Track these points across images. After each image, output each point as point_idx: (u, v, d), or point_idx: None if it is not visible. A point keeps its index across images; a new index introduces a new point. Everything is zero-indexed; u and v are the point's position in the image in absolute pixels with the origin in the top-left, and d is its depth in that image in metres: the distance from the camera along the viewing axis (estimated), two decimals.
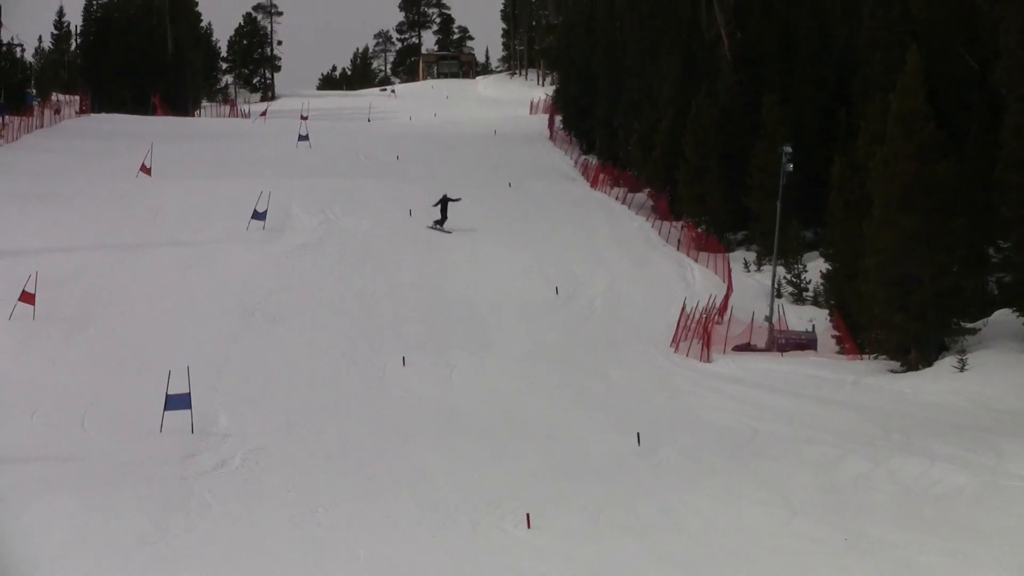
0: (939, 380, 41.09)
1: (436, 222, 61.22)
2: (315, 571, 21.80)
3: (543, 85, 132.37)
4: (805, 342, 47.95)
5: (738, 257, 60.25)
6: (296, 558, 22.66)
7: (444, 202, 61.21)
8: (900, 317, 43.91)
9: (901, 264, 43.69)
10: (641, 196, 71.93)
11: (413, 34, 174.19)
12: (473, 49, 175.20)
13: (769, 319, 49.47)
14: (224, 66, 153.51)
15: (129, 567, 21.72)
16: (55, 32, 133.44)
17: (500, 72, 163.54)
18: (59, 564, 21.74)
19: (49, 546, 23.03)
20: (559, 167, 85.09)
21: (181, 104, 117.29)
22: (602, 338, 47.59)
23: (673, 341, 47.28)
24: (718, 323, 48.88)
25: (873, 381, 42.32)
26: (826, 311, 50.65)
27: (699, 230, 63.06)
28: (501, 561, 22.72)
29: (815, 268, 54.28)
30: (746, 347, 47.55)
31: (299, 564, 22.25)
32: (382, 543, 23.77)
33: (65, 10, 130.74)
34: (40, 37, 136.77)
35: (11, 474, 28.49)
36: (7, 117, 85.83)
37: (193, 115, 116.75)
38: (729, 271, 57.42)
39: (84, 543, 23.40)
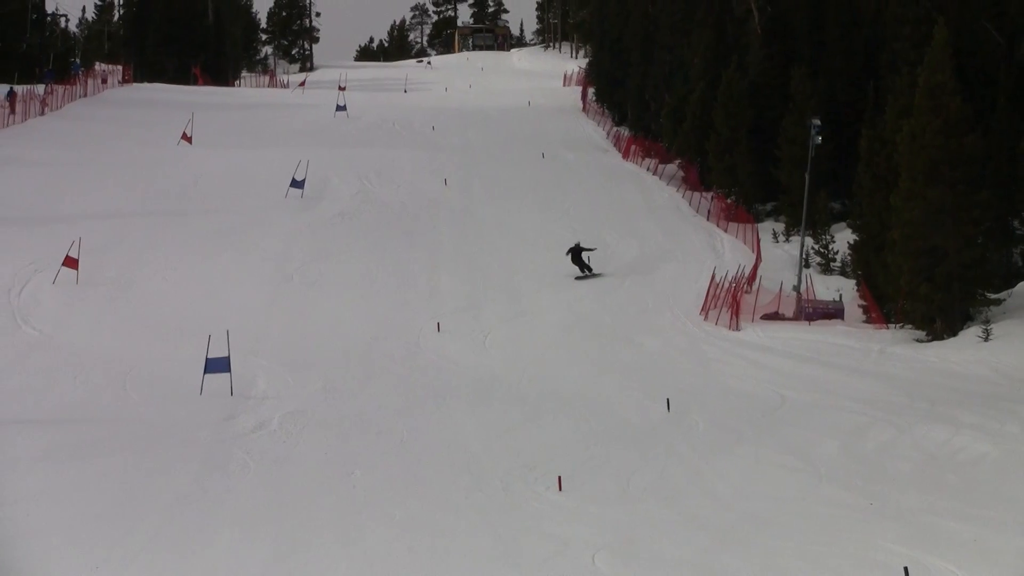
0: (963, 350, 40.99)
1: (586, 270, 50.54)
2: (351, 532, 21.87)
3: (576, 58, 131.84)
4: (832, 311, 47.82)
5: (767, 228, 60.00)
6: (332, 519, 22.74)
7: (578, 251, 50.77)
8: (926, 288, 43.81)
9: (927, 236, 43.60)
10: (672, 167, 71.69)
11: (449, 7, 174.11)
12: (508, 22, 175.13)
13: (797, 289, 49.33)
14: (264, 37, 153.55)
15: (170, 525, 21.83)
16: (99, 3, 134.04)
17: (534, 45, 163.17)
18: (103, 522, 21.86)
19: (94, 506, 23.14)
20: (592, 138, 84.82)
21: (221, 74, 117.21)
22: (633, 306, 47.50)
23: (702, 310, 47.19)
24: (747, 292, 48.72)
25: (899, 350, 42.22)
26: (853, 281, 50.46)
27: (729, 201, 62.84)
28: (532, 523, 22.76)
29: (843, 239, 54.05)
30: (774, 316, 47.44)
31: (335, 525, 22.32)
32: (416, 505, 23.82)
33: None
34: (84, 8, 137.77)
35: (56, 436, 28.64)
36: (52, 86, 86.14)
37: (233, 85, 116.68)
38: (758, 241, 57.21)
39: (127, 503, 23.51)
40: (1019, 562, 19.92)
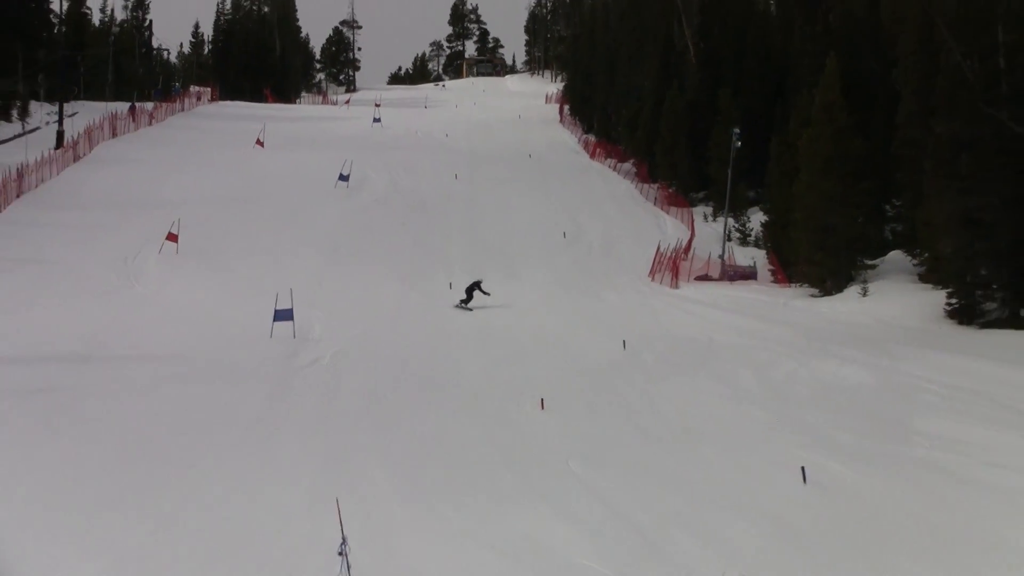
0: (847, 302, 41.14)
1: (462, 301, 40.15)
2: (383, 442, 21.82)
3: (555, 81, 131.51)
4: (748, 274, 48.00)
5: (699, 211, 60.18)
6: (369, 434, 22.68)
7: (473, 288, 40.41)
8: (819, 256, 44.02)
9: (821, 216, 43.84)
10: (627, 165, 71.82)
11: (458, 43, 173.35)
12: (503, 54, 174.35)
13: (722, 256, 49.54)
14: (318, 66, 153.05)
15: (248, 441, 21.77)
16: (192, 40, 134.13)
17: (523, 72, 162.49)
18: (196, 438, 21.81)
19: (194, 422, 23.13)
20: (567, 143, 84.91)
21: (286, 94, 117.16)
22: (598, 270, 47.69)
23: (651, 273, 47.33)
24: (684, 260, 48.85)
25: (798, 303, 42.33)
26: (764, 251, 50.66)
27: (670, 190, 63.01)
28: (522, 435, 22.71)
29: (756, 219, 54.26)
30: (705, 277, 47.57)
31: (371, 438, 22.26)
32: (432, 421, 23.79)
33: (200, 24, 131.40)
34: (181, 44, 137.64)
35: (162, 368, 28.62)
36: (159, 103, 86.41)
37: (294, 103, 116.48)
38: (692, 221, 57.40)
39: (218, 419, 23.48)
40: (896, 464, 19.90)
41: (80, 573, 14.07)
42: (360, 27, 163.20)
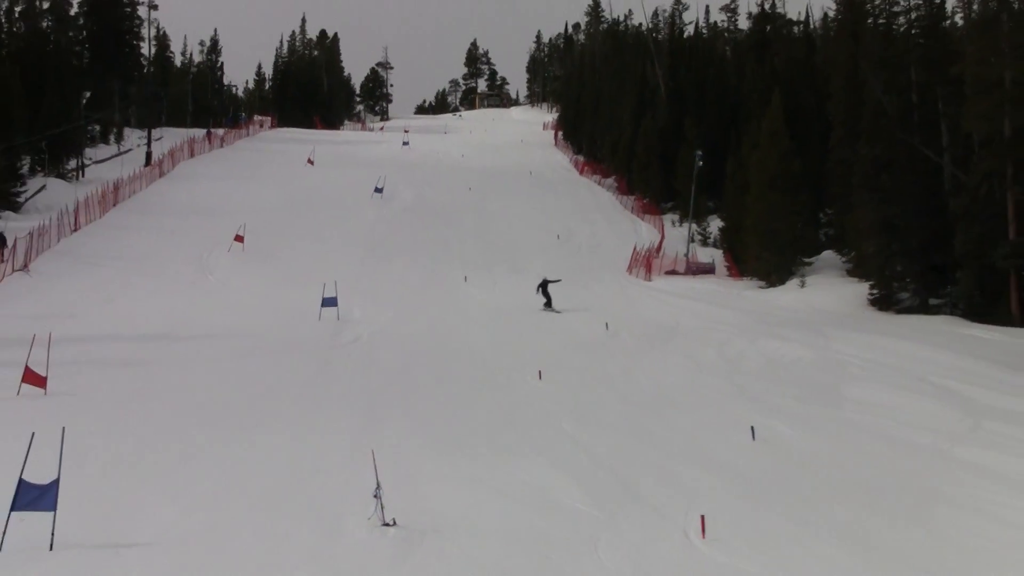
0: (789, 293, 41.16)
1: (546, 305, 37.64)
2: (410, 405, 21.81)
3: (551, 112, 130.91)
4: (708, 269, 47.95)
5: (668, 217, 60.00)
6: (398, 398, 22.68)
7: (544, 284, 38.37)
8: (766, 254, 44.07)
9: (767, 222, 43.91)
10: (610, 180, 71.60)
11: (472, 80, 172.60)
12: (508, 90, 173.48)
13: (686, 255, 49.42)
14: (357, 99, 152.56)
15: (300, 404, 21.77)
16: (256, 78, 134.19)
17: (525, 104, 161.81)
18: (258, 401, 21.84)
19: (251, 391, 23.13)
20: (560, 162, 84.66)
21: (331, 122, 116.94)
22: (586, 265, 47.57)
23: (628, 268, 47.25)
24: (655, 257, 48.78)
25: (749, 293, 42.34)
26: (721, 250, 50.60)
27: (645, 201, 62.83)
28: (524, 400, 22.69)
29: (715, 224, 54.19)
30: (672, 272, 47.53)
31: (400, 401, 22.27)
32: (450, 388, 23.79)
33: (262, 65, 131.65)
34: (247, 81, 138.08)
35: (228, 346, 28.67)
36: (229, 129, 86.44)
37: (339, 129, 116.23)
38: (662, 226, 57.27)
39: (275, 387, 23.49)
40: (828, 424, 19.90)
41: (163, 514, 14.03)
42: (392, 68, 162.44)
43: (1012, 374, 24.13)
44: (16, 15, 69.14)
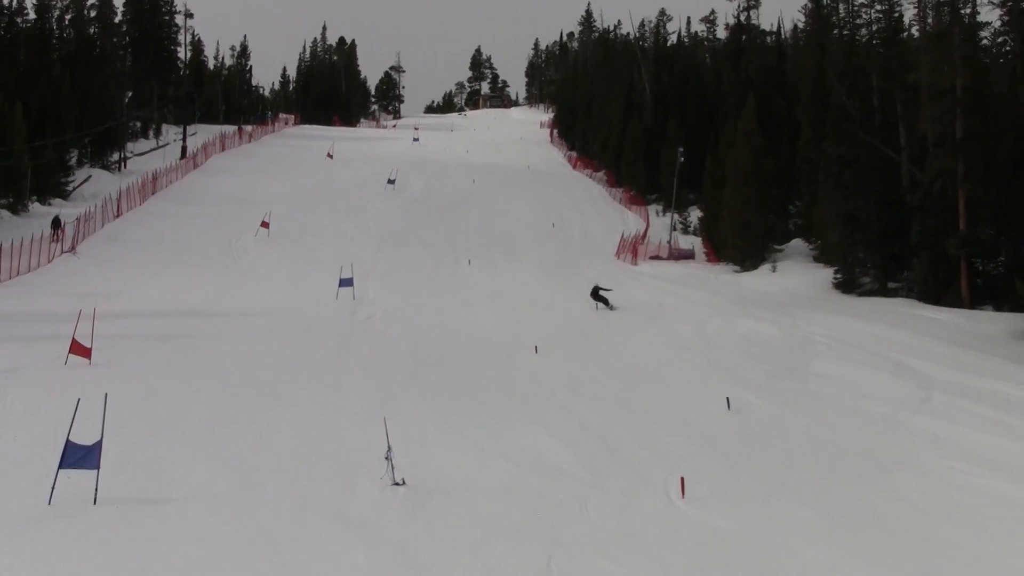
0: (762, 277, 40.97)
1: (605, 303, 32.90)
2: (419, 377, 21.77)
3: (548, 112, 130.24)
4: (688, 255, 47.64)
5: (652, 208, 59.58)
6: (409, 371, 22.62)
7: (596, 291, 33.41)
8: (741, 242, 43.91)
9: (742, 214, 43.73)
10: (600, 174, 71.17)
11: (476, 83, 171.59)
12: (509, 91, 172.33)
13: (669, 242, 49.18)
14: (372, 99, 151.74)
15: (320, 375, 21.72)
16: (281, 80, 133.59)
17: (524, 105, 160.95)
18: (282, 373, 21.79)
19: (276, 363, 22.97)
20: (555, 158, 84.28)
21: (349, 120, 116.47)
22: (578, 252, 47.30)
23: (616, 254, 47.00)
24: (641, 244, 48.55)
25: (725, 277, 42.12)
26: (700, 238, 50.36)
27: (631, 193, 62.57)
28: (521, 371, 22.64)
29: (695, 215, 53.90)
30: (656, 257, 47.23)
31: (410, 374, 22.22)
32: (455, 362, 23.69)
33: (287, 68, 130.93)
34: (273, 82, 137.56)
35: (255, 323, 28.55)
36: (256, 126, 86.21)
37: (355, 126, 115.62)
38: (647, 216, 56.97)
39: (299, 360, 23.41)
40: (795, 396, 19.84)
41: (195, 473, 14.02)
42: (404, 71, 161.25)
43: (961, 351, 24.09)
44: (67, 23, 69.08)
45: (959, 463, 14.95)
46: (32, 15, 61.06)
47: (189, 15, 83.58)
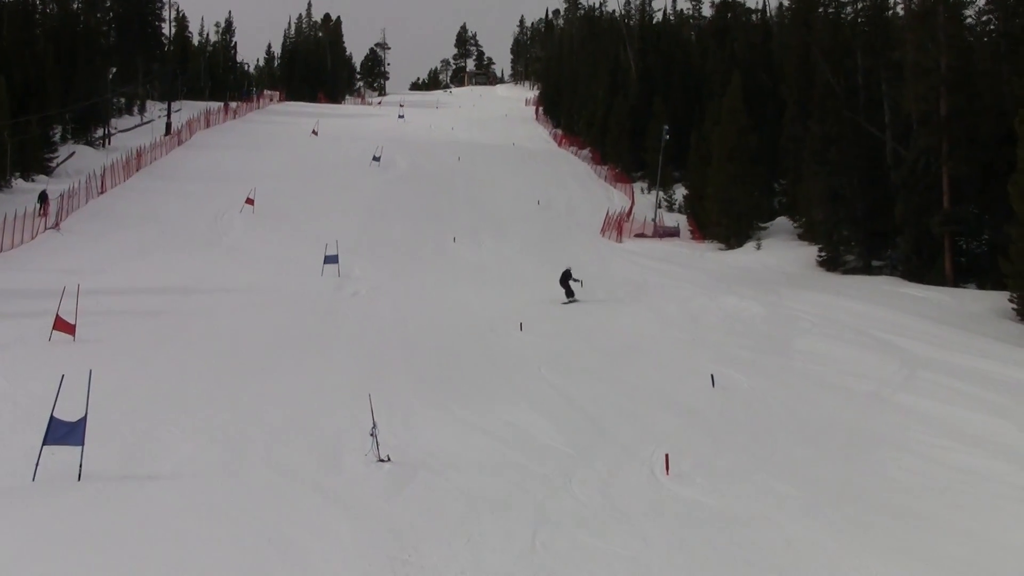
0: (746, 254, 41.08)
1: (569, 298, 29.72)
2: (405, 353, 21.74)
3: (533, 89, 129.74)
4: (673, 232, 47.77)
5: (637, 186, 59.70)
6: (394, 347, 22.60)
7: (565, 277, 30.25)
8: (725, 220, 43.94)
9: (727, 191, 43.74)
10: (586, 152, 71.18)
11: (462, 60, 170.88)
12: (495, 69, 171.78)
13: (654, 219, 49.28)
14: (358, 76, 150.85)
15: (305, 352, 21.64)
16: (266, 56, 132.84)
17: (509, 82, 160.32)
18: (268, 349, 21.75)
19: (262, 339, 23.02)
20: (541, 135, 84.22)
21: (334, 97, 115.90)
22: (563, 229, 47.31)
23: (601, 231, 47.02)
24: (626, 221, 48.62)
25: (710, 254, 42.23)
26: (685, 216, 50.46)
27: (617, 170, 62.56)
28: (507, 347, 22.65)
29: (680, 192, 53.98)
30: (641, 235, 47.36)
31: (396, 350, 22.19)
32: (443, 340, 23.61)
33: (272, 44, 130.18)
34: (258, 59, 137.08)
35: (241, 298, 28.43)
36: (241, 102, 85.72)
37: (340, 103, 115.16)
38: (632, 193, 57.05)
39: (286, 333, 23.38)
40: (779, 373, 19.88)
41: (180, 449, 13.93)
42: (389, 48, 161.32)
43: (944, 329, 24.18)
44: None
45: (943, 440, 14.99)
46: None
47: None
